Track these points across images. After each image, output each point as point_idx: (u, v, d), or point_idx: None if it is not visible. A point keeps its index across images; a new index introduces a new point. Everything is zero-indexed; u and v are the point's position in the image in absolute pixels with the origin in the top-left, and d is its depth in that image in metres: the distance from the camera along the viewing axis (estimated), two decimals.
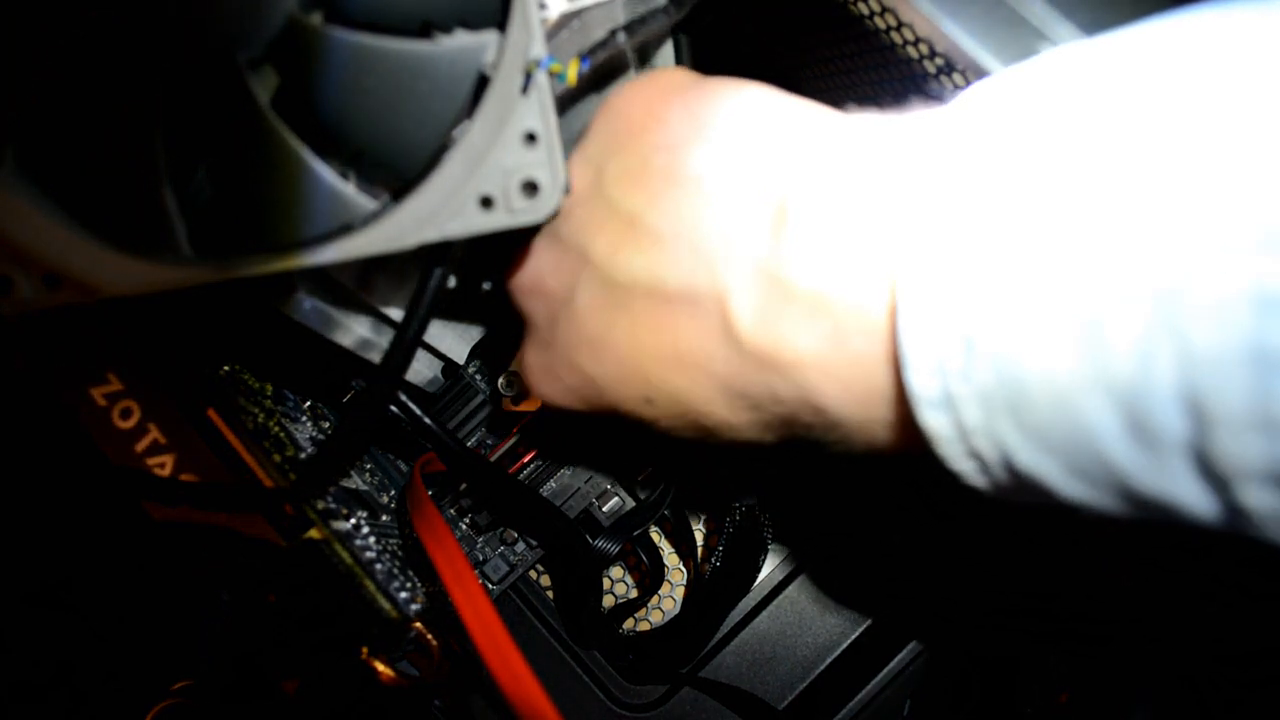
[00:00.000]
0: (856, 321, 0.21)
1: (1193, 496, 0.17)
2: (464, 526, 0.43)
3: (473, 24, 0.22)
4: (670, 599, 0.46)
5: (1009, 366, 0.18)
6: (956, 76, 0.27)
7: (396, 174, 0.23)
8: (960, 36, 0.26)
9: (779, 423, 0.24)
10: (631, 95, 0.26)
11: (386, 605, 0.32)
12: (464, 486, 0.42)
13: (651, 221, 0.24)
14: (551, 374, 0.28)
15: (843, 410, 0.22)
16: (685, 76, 0.27)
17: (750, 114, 0.24)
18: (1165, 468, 0.17)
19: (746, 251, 0.22)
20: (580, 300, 0.26)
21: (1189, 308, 0.15)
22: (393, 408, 0.34)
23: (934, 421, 0.19)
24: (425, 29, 0.22)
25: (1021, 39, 0.25)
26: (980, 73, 0.26)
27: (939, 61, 0.28)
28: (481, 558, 0.43)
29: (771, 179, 0.23)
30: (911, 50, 0.29)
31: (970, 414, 0.19)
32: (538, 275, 0.28)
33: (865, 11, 0.29)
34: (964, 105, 0.20)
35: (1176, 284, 0.15)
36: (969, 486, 0.20)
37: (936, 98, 0.30)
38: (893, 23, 0.28)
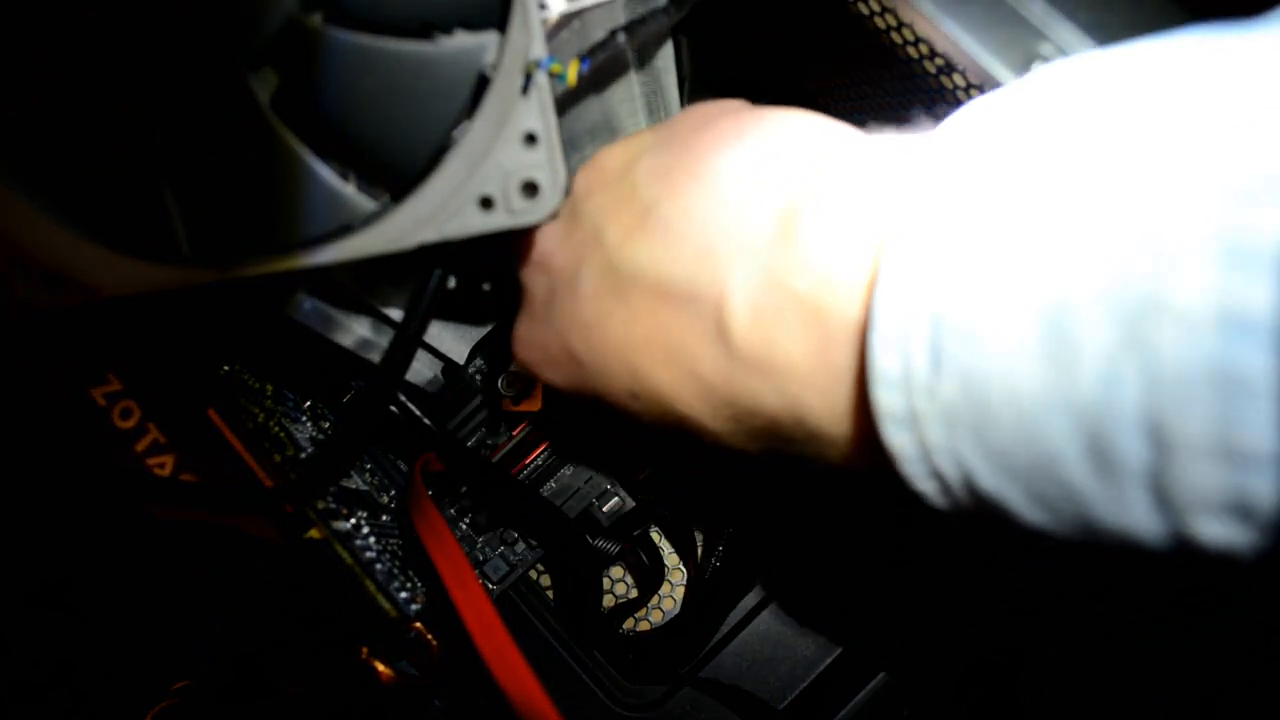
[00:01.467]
0: (843, 332, 0.20)
1: (1147, 526, 0.17)
2: (464, 526, 0.43)
3: (473, 24, 0.22)
4: (670, 599, 0.46)
5: (974, 382, 0.17)
6: (956, 76, 0.27)
7: (396, 174, 0.23)
8: (960, 36, 0.26)
9: (758, 434, 0.24)
10: (693, 108, 0.27)
11: (386, 605, 0.32)
12: (464, 487, 0.42)
13: (665, 214, 0.24)
14: (540, 349, 0.29)
15: (820, 423, 0.22)
16: (744, 103, 0.27)
17: (784, 134, 0.24)
18: (1123, 497, 0.17)
19: (752, 255, 0.22)
20: (583, 282, 0.26)
21: (1156, 324, 0.15)
22: (392, 408, 0.34)
23: (897, 440, 0.19)
24: (425, 29, 0.22)
25: (1021, 39, 0.25)
26: (980, 72, 0.26)
27: (939, 61, 0.28)
28: (481, 558, 0.43)
29: (787, 190, 0.23)
30: (912, 50, 0.29)
31: (933, 432, 0.19)
32: (547, 249, 0.28)
33: (865, 11, 0.29)
34: (954, 123, 0.20)
35: (1144, 301, 0.15)
36: (933, 508, 0.20)
37: (935, 101, 0.30)
38: (893, 23, 0.28)
